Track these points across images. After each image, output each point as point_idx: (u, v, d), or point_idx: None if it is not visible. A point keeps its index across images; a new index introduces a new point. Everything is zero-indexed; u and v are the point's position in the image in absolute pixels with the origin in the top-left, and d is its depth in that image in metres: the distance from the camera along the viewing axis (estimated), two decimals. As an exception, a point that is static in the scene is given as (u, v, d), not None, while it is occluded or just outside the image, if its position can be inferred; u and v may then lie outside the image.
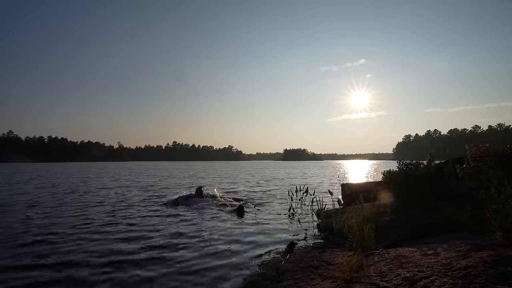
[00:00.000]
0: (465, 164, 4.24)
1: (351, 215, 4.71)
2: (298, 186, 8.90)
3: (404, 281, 2.47)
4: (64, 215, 7.34)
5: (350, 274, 2.82)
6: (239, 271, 3.63)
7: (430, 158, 5.32)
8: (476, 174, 3.73)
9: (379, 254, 3.30)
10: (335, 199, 7.73)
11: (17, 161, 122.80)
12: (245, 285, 3.24)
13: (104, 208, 8.36)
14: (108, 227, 6.00)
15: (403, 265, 2.80)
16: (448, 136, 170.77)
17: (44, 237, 5.23)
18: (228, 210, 7.98)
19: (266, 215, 7.26)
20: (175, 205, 8.72)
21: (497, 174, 3.07)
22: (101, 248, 4.59)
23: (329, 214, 5.70)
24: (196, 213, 7.49)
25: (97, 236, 5.28)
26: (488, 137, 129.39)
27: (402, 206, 5.08)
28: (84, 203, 9.25)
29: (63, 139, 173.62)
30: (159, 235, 5.36)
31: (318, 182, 18.36)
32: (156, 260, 4.05)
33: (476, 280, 2.19)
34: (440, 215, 4.28)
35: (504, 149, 4.37)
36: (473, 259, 2.50)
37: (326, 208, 6.45)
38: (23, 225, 6.20)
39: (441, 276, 2.38)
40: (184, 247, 4.65)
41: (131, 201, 9.67)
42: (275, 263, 3.77)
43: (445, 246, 3.00)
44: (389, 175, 5.56)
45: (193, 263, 3.93)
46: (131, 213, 7.56)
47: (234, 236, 5.26)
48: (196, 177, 23.46)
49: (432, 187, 4.93)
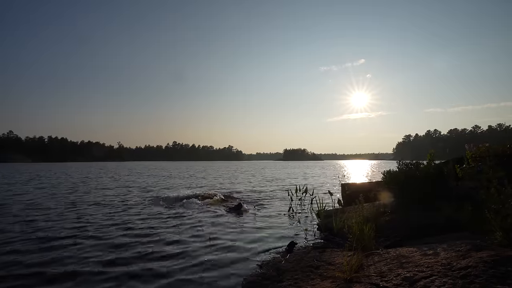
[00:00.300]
0: (465, 164, 4.23)
1: (351, 215, 4.71)
2: (298, 186, 8.90)
3: (404, 281, 2.47)
4: (64, 216, 7.33)
5: (350, 274, 2.81)
6: (239, 271, 3.63)
7: (430, 158, 5.31)
8: (476, 174, 3.73)
9: (379, 254, 3.30)
10: (335, 199, 7.74)
11: (17, 161, 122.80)
12: (245, 285, 3.24)
13: (104, 208, 8.36)
14: (106, 227, 6.00)
15: (403, 265, 2.80)
16: (448, 136, 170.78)
17: (42, 239, 5.22)
18: (228, 210, 7.98)
19: (266, 215, 7.25)
20: (174, 205, 8.72)
21: (497, 174, 3.07)
22: (100, 247, 4.59)
23: (329, 214, 5.70)
24: (195, 213, 7.49)
25: (97, 235, 5.28)
26: (488, 137, 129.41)
27: (402, 206, 5.08)
28: (83, 204, 9.24)
29: (63, 139, 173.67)
30: (157, 234, 5.36)
31: (321, 182, 18.35)
32: (155, 260, 4.05)
33: (476, 280, 2.19)
34: (440, 215, 4.28)
35: (504, 149, 4.37)
36: (473, 259, 2.50)
37: (326, 208, 6.45)
38: (20, 226, 6.20)
39: (441, 276, 2.38)
40: (184, 247, 4.64)
41: (131, 201, 9.67)
42: (275, 263, 3.76)
43: (445, 246, 3.00)
44: (389, 175, 5.56)
45: (192, 263, 3.93)
46: (131, 212, 7.56)
47: (234, 236, 5.26)
48: (196, 178, 23.45)
49: (432, 187, 4.93)
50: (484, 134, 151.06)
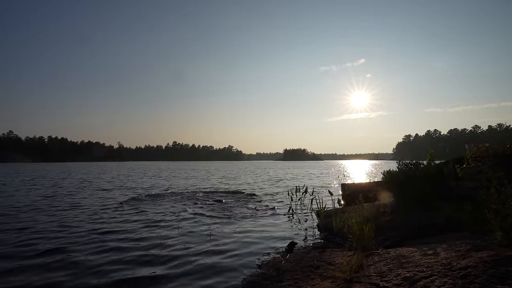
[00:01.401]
0: (465, 164, 4.24)
1: (351, 215, 4.70)
2: (297, 186, 8.90)
3: (404, 281, 2.47)
4: (62, 218, 7.33)
5: (350, 274, 2.81)
6: (239, 271, 3.63)
7: (430, 158, 5.31)
8: (476, 174, 3.73)
9: (379, 254, 3.30)
10: (335, 199, 7.73)
11: (17, 161, 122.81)
12: (245, 285, 3.24)
13: (103, 208, 8.36)
14: (107, 226, 6.00)
15: (403, 265, 2.80)
16: (448, 136, 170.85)
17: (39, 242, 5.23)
18: (227, 209, 7.97)
19: (266, 215, 7.25)
20: (174, 205, 8.72)
21: (497, 174, 3.07)
22: (100, 244, 4.59)
23: (329, 214, 5.70)
24: (195, 213, 7.48)
25: (99, 235, 5.28)
26: (488, 137, 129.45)
27: (402, 206, 5.08)
28: (84, 205, 9.24)
29: (63, 139, 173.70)
30: (156, 235, 5.35)
31: (327, 182, 18.35)
32: (154, 260, 4.04)
33: (476, 280, 2.18)
34: (440, 215, 4.28)
35: (504, 149, 4.37)
36: (473, 259, 2.50)
37: (326, 208, 6.44)
38: (16, 228, 6.20)
39: (441, 276, 2.37)
40: (183, 246, 4.64)
41: (131, 201, 9.67)
42: (275, 263, 3.76)
43: (445, 246, 3.00)
44: (389, 175, 5.56)
45: (191, 263, 3.92)
46: (130, 212, 7.56)
47: (234, 236, 5.26)
48: (196, 179, 23.45)
49: (432, 187, 4.93)
50: (484, 134, 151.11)
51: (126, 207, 8.50)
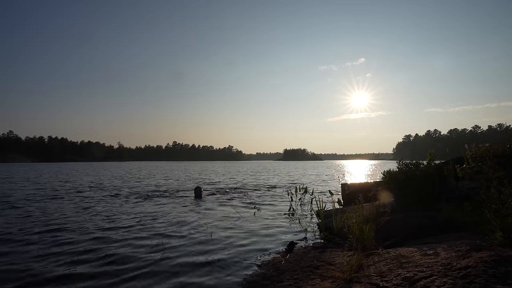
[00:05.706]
0: (465, 164, 4.24)
1: (351, 215, 4.70)
2: (297, 186, 8.90)
3: (404, 281, 2.47)
4: (63, 219, 7.33)
5: (350, 274, 2.81)
6: (239, 271, 3.63)
7: (430, 158, 5.31)
8: (476, 174, 3.73)
9: (379, 254, 3.30)
10: (335, 199, 7.74)
11: (17, 161, 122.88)
12: (245, 285, 3.24)
13: (104, 209, 8.36)
14: (108, 224, 6.00)
15: (403, 265, 2.80)
16: (448, 136, 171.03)
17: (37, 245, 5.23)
18: (227, 209, 7.97)
19: (266, 215, 7.25)
20: (174, 205, 8.72)
21: (497, 174, 3.07)
22: (100, 242, 4.59)
23: (329, 214, 5.70)
24: (195, 213, 7.49)
25: (97, 235, 5.28)
26: (488, 137, 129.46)
27: (402, 206, 5.08)
28: (85, 206, 9.24)
29: (63, 139, 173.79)
30: (154, 235, 5.35)
31: (327, 183, 18.34)
32: (152, 261, 4.04)
33: (476, 280, 2.18)
34: (440, 215, 4.28)
35: (504, 149, 4.37)
36: (473, 259, 2.50)
37: (326, 208, 6.44)
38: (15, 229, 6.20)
39: (441, 276, 2.37)
40: (182, 246, 4.64)
41: (131, 202, 9.67)
42: (275, 263, 3.76)
43: (445, 246, 3.00)
44: (388, 175, 5.55)
45: (192, 263, 3.92)
46: (130, 212, 7.56)
47: (234, 236, 5.26)
48: (196, 180, 23.44)
49: (432, 187, 4.93)
50: (484, 134, 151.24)
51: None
